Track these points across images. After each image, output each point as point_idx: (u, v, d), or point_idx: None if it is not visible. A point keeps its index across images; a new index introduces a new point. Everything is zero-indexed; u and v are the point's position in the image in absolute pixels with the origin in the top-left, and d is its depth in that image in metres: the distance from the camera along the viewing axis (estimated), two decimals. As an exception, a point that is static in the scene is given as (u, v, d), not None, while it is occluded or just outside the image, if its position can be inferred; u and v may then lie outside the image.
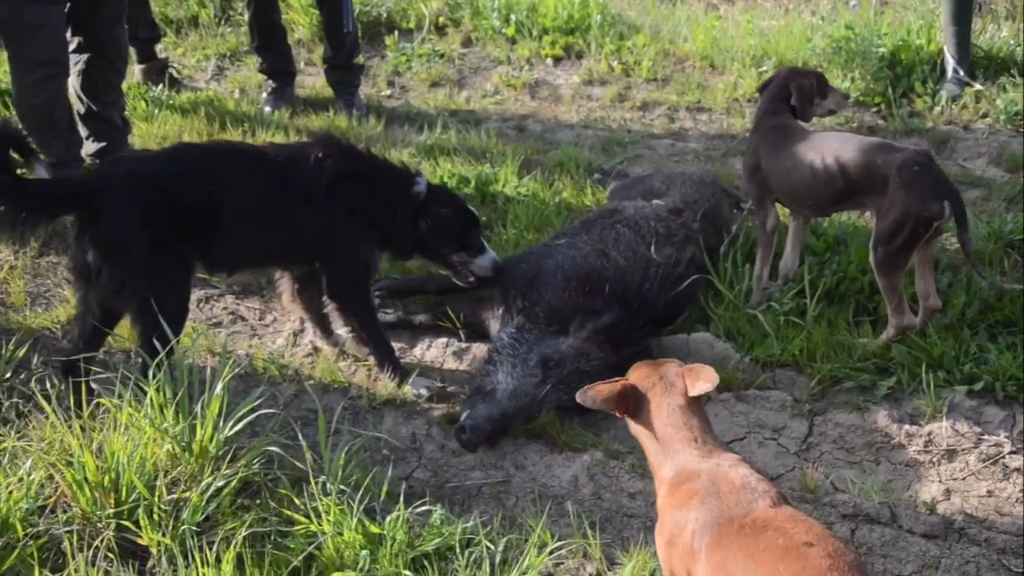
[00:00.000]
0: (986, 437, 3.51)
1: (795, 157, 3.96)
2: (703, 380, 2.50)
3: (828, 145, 3.93)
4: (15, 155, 3.40)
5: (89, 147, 5.09)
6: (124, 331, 3.71)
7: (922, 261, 3.85)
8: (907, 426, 3.58)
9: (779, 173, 4.03)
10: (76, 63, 4.86)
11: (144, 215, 3.34)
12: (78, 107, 4.97)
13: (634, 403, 2.55)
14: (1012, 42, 6.26)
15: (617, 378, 2.62)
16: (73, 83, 4.89)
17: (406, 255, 3.97)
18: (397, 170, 3.87)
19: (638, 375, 2.59)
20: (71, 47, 4.81)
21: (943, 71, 6.08)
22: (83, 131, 5.04)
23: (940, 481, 3.35)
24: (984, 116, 5.83)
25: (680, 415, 2.49)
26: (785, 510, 2.25)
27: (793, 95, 4.21)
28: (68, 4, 4.65)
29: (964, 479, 3.35)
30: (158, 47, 6.60)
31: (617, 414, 2.59)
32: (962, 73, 5.98)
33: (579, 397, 2.55)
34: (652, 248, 4.03)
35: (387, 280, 4.33)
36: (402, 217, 3.76)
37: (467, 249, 3.87)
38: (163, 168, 3.49)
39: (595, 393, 2.54)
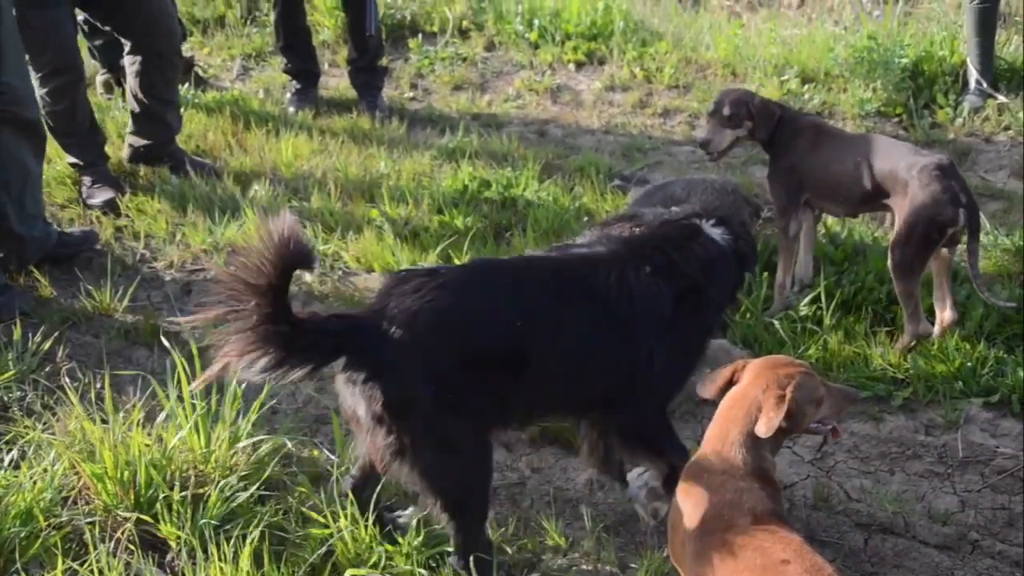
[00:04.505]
0: (1002, 449, 3.52)
1: (832, 154, 4.06)
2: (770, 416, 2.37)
3: (861, 146, 4.03)
4: None
5: (134, 140, 5.18)
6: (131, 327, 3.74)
7: (939, 271, 3.89)
8: (922, 437, 3.59)
9: (815, 170, 4.11)
10: (132, 64, 4.97)
11: (432, 369, 2.57)
12: (133, 107, 5.08)
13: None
14: (1036, 55, 6.25)
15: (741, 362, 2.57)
16: (131, 85, 5.02)
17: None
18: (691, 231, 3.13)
19: (757, 368, 2.50)
20: (126, 49, 4.93)
21: (965, 83, 6.08)
22: (130, 126, 5.14)
23: (954, 492, 3.36)
24: (1006, 128, 5.81)
25: (742, 413, 2.43)
26: (766, 527, 2.25)
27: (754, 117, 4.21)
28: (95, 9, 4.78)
29: (979, 491, 3.35)
30: (184, 46, 6.67)
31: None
32: (985, 85, 5.97)
33: (698, 388, 2.57)
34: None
35: None
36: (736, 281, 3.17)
37: None
38: (459, 303, 2.66)
39: (711, 384, 2.54)
